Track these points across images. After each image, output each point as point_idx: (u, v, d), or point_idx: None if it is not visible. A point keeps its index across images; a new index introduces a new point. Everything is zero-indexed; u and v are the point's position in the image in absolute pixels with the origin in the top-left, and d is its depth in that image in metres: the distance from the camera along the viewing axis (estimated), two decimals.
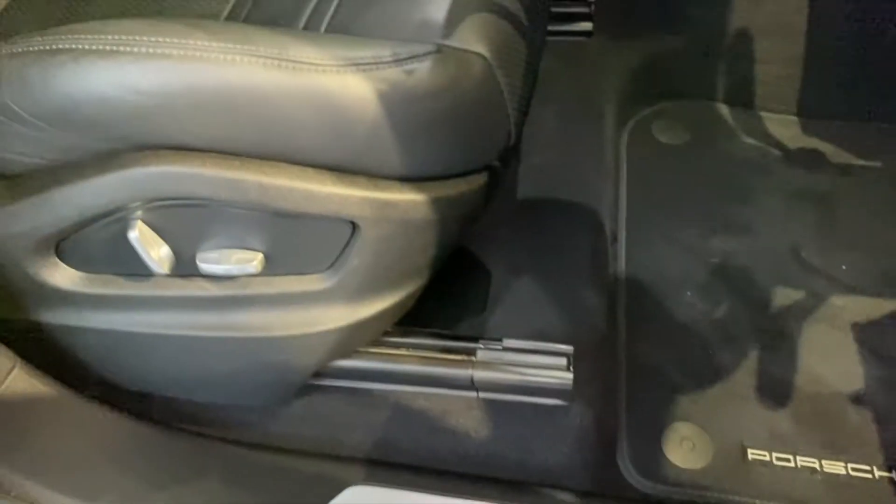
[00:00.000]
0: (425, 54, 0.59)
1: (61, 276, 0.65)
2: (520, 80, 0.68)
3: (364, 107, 0.57)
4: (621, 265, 0.88)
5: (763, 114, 1.07)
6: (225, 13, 0.70)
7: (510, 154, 0.71)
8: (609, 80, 1.09)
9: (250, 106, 0.56)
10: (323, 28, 0.65)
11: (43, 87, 0.56)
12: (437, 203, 0.63)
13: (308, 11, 0.67)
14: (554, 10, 1.12)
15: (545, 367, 0.72)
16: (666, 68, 1.10)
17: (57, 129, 0.58)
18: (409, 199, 0.62)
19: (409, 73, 0.58)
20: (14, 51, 0.57)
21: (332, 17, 0.66)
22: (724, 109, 1.07)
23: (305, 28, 0.66)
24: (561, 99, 1.05)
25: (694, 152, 1.02)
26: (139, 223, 0.61)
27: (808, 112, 1.06)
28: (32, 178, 0.61)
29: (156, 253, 0.63)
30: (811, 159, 1.00)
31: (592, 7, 1.12)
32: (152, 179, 0.59)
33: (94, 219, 0.61)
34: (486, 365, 0.74)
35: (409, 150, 0.60)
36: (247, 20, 0.68)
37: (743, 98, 1.07)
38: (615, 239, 0.91)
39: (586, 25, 1.11)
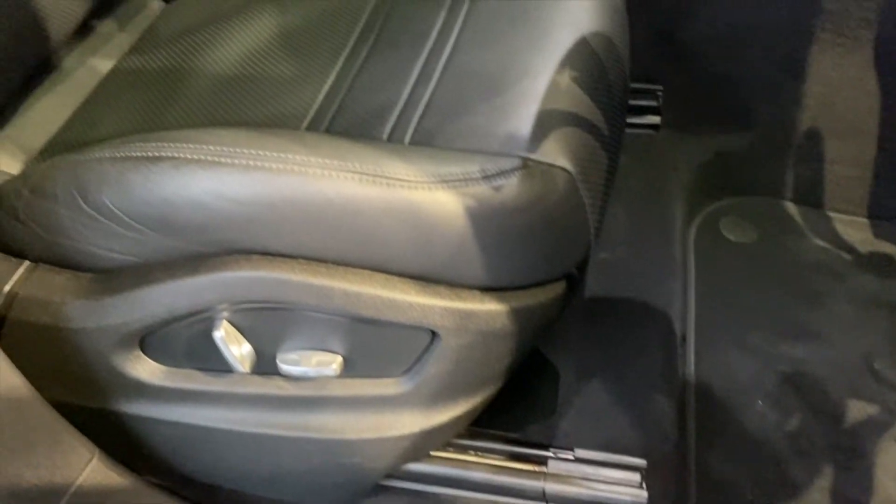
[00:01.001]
0: (512, 170, 0.60)
1: (143, 369, 0.66)
2: (600, 190, 0.68)
3: (452, 222, 0.58)
4: (691, 368, 0.87)
5: (833, 214, 1.06)
6: (307, 120, 0.72)
7: (587, 261, 0.72)
8: (676, 174, 1.09)
9: (343, 218, 0.58)
10: (408, 138, 0.67)
11: (143, 191, 0.58)
12: (516, 313, 0.63)
13: (392, 120, 0.69)
14: None
15: (618, 483, 0.71)
16: (733, 164, 1.10)
17: (153, 231, 0.60)
18: (490, 309, 0.62)
19: (497, 189, 0.59)
20: (116, 155, 0.59)
21: (417, 126, 0.68)
22: (792, 208, 1.07)
23: (390, 137, 0.67)
24: (628, 192, 1.05)
25: (762, 252, 1.01)
26: (224, 323, 0.62)
27: (880, 214, 1.04)
28: (124, 275, 0.63)
29: (238, 352, 0.64)
30: (884, 264, 0.99)
31: (660, 100, 1.13)
32: (242, 283, 0.60)
33: (182, 317, 0.63)
34: (558, 477, 0.73)
35: (491, 262, 0.61)
36: (331, 127, 0.70)
37: (812, 197, 1.07)
38: (684, 340, 0.90)
39: (654, 119, 1.12)
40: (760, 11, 1.06)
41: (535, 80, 0.68)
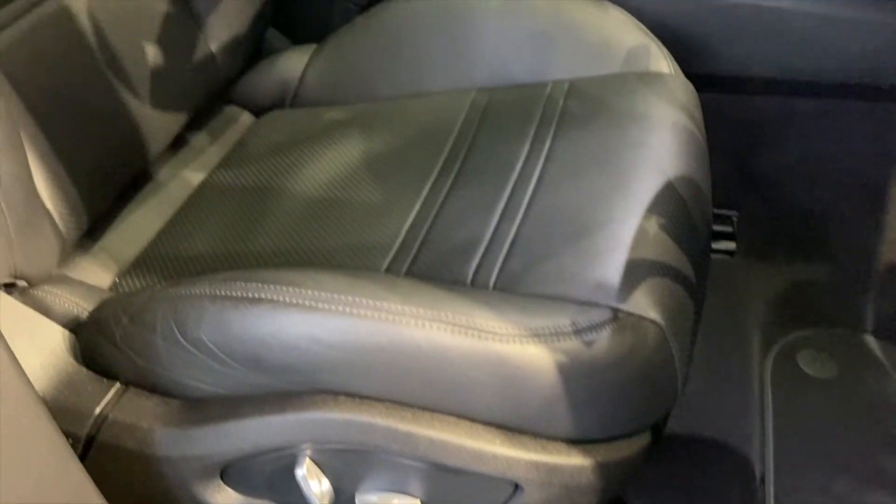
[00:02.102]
0: (603, 323, 0.60)
1: (223, 498, 0.66)
2: (688, 340, 0.67)
3: (543, 376, 0.58)
4: None
5: None
6: (392, 252, 0.73)
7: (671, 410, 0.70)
8: (752, 302, 1.07)
9: (432, 366, 0.58)
10: (493, 279, 0.67)
11: (240, 331, 0.60)
12: (602, 467, 0.62)
13: (477, 258, 0.70)
14: None
15: None
16: (811, 294, 1.09)
17: (245, 368, 0.61)
18: (575, 463, 0.61)
19: (588, 344, 0.59)
20: (217, 293, 0.61)
21: (502, 266, 0.68)
22: (873, 342, 1.04)
23: (475, 277, 0.68)
24: (704, 320, 1.04)
25: (842, 388, 0.98)
26: (307, 461, 0.62)
27: None
28: (212, 406, 0.64)
29: (318, 489, 0.64)
30: None
31: (736, 226, 1.12)
32: (329, 425, 0.60)
33: (266, 452, 0.63)
34: None
35: (579, 415, 0.60)
36: (416, 261, 0.72)
37: (894, 332, 1.04)
38: (763, 482, 0.87)
39: (729, 245, 1.11)
40: (838, 141, 1.06)
41: (622, 225, 0.69)
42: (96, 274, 0.82)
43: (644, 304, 0.63)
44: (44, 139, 0.76)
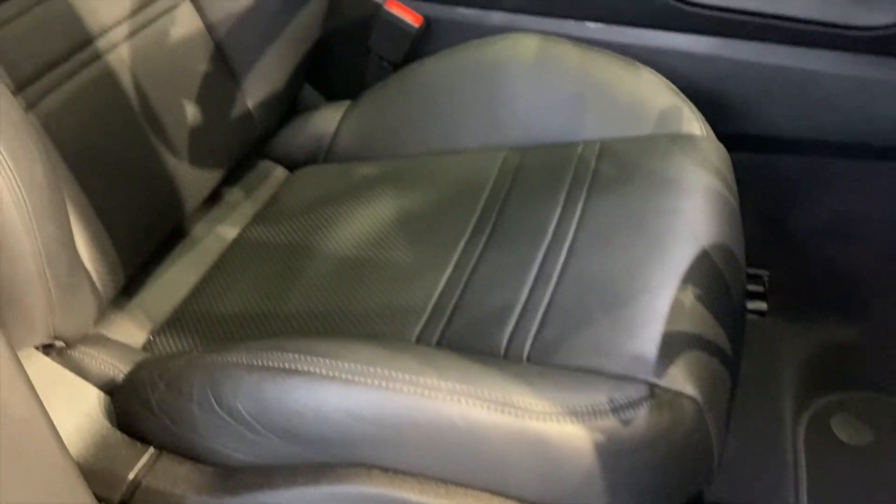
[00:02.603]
0: (640, 400, 0.59)
1: None
2: (724, 414, 0.67)
3: (578, 455, 0.57)
4: None
5: None
6: (425, 315, 0.74)
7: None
8: (784, 364, 1.06)
9: (467, 442, 0.58)
10: (527, 348, 0.67)
11: (276, 402, 0.60)
12: None
13: (511, 326, 0.70)
14: None
15: None
16: (844, 356, 1.07)
17: (279, 438, 0.61)
18: None
19: (625, 423, 0.58)
20: (254, 363, 0.61)
21: (536, 335, 0.68)
22: None
23: (509, 345, 0.68)
24: None
25: (879, 456, 0.96)
26: None
27: None
28: (245, 475, 0.64)
29: None
30: None
31: (766, 286, 1.11)
32: (362, 499, 0.60)
33: None
34: None
35: (613, 494, 0.59)
36: (449, 326, 0.72)
37: None
38: None
39: (760, 305, 1.10)
40: (871, 201, 1.05)
41: (658, 296, 0.69)
42: (131, 332, 0.83)
43: (681, 378, 0.62)
44: (85, 199, 0.77)
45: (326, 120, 1.07)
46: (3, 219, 0.58)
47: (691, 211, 0.78)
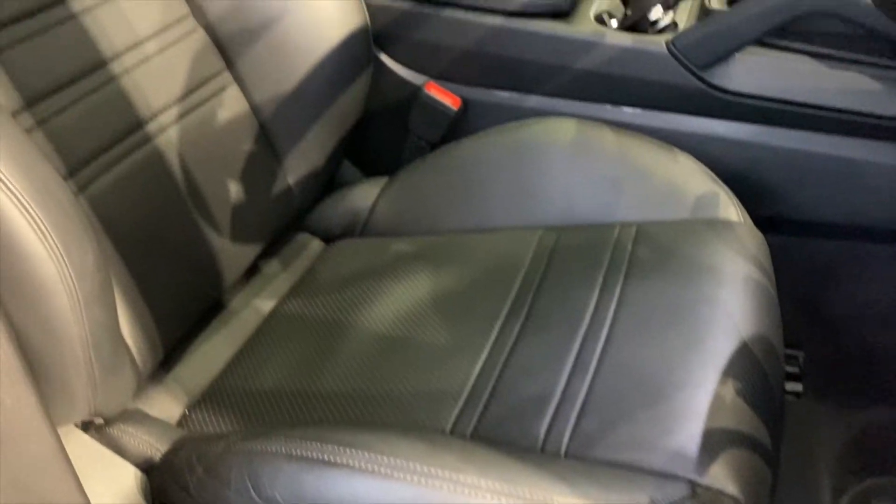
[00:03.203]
0: (682, 500, 0.59)
1: None
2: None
3: None
4: None
5: None
6: (461, 401, 0.74)
7: None
8: (821, 447, 1.04)
9: None
10: (564, 446, 0.66)
11: (314, 493, 0.60)
12: None
13: (549, 416, 0.70)
14: None
15: None
16: (882, 439, 1.05)
17: None
18: None
19: None
20: (293, 452, 0.62)
21: (575, 427, 0.68)
22: None
23: (547, 437, 0.67)
24: None
25: None
26: None
27: None
28: None
29: None
30: None
31: (802, 367, 1.09)
32: None
33: None
34: None
35: None
36: (485, 414, 0.71)
37: None
38: None
39: (796, 386, 1.09)
40: None
41: (698, 390, 0.68)
42: (167, 406, 0.84)
43: (722, 476, 0.61)
44: (128, 276, 0.79)
45: (364, 195, 1.08)
46: (54, 306, 0.59)
47: (730, 301, 0.78)
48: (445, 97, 1.07)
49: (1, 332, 0.59)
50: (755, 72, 0.95)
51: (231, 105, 0.95)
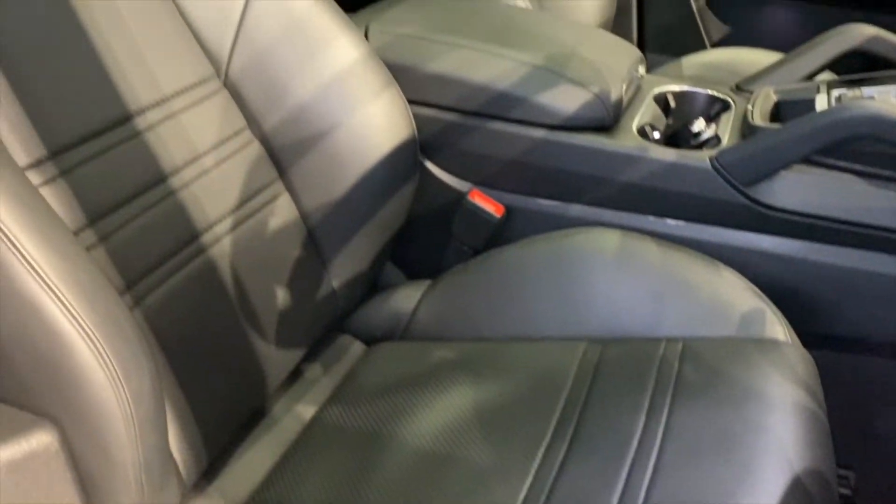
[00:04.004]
0: None
1: None
2: None
3: None
4: None
5: None
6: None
7: None
8: None
9: None
10: None
11: None
12: None
13: None
14: None
15: None
16: None
17: None
18: None
19: None
20: None
21: None
22: None
23: None
24: None
25: None
26: None
27: None
28: None
29: None
30: None
31: (853, 488, 1.06)
32: None
33: None
34: None
35: None
36: None
37: None
38: None
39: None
40: None
41: None
42: None
43: None
44: (177, 389, 0.80)
45: (406, 298, 1.09)
46: (111, 431, 0.60)
47: (779, 428, 0.77)
48: (489, 204, 1.08)
49: (59, 455, 0.60)
50: (801, 189, 0.96)
51: (282, 213, 0.97)
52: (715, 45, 1.93)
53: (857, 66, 1.20)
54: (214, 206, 0.88)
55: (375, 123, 1.02)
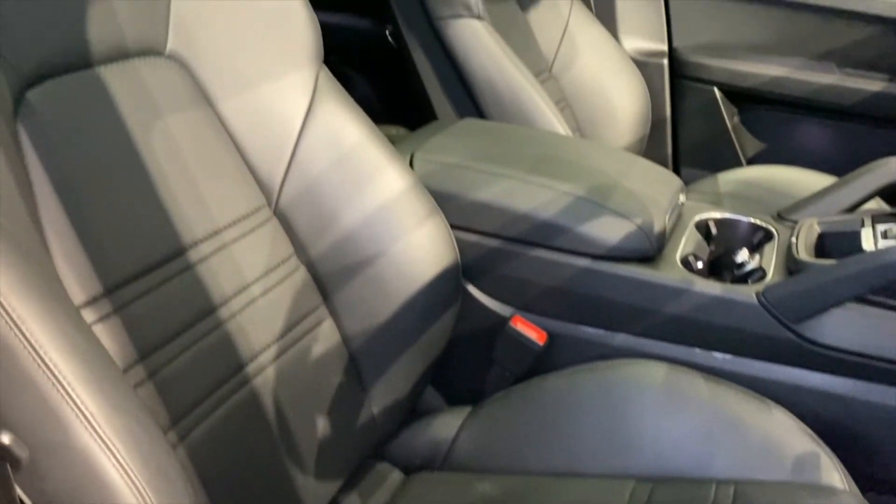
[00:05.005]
0: None
1: None
2: None
3: None
4: None
5: None
6: None
7: None
8: None
9: None
10: None
11: None
12: None
13: None
14: None
15: None
16: None
17: None
18: None
19: None
20: None
21: None
22: None
23: None
24: None
25: None
26: None
27: None
28: None
29: None
30: None
31: None
32: None
33: None
34: None
35: None
36: None
37: None
38: None
39: None
40: None
41: None
42: None
43: None
44: None
45: (446, 425, 1.07)
46: None
47: None
48: (532, 331, 1.08)
49: None
50: (852, 326, 0.94)
51: (325, 339, 0.97)
52: (750, 161, 1.95)
53: None
54: (260, 336, 0.88)
55: (420, 250, 1.02)
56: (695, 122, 1.94)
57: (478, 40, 1.41)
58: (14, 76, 0.72)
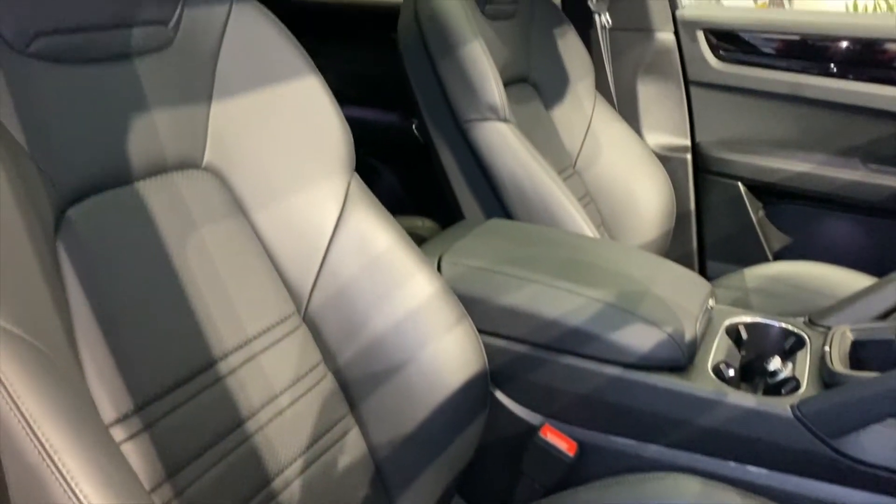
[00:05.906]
0: None
1: None
2: None
3: None
4: None
5: None
6: None
7: None
8: None
9: None
10: None
11: None
12: None
13: None
14: None
15: None
16: None
17: None
18: None
19: None
20: None
21: None
22: None
23: None
24: None
25: None
26: None
27: None
28: None
29: None
30: None
31: None
32: None
33: None
34: None
35: None
36: None
37: None
38: None
39: None
40: None
41: None
42: None
43: None
44: None
45: None
46: None
47: None
48: (562, 441, 1.05)
49: None
50: (893, 444, 0.91)
51: (351, 450, 0.96)
52: (776, 255, 1.94)
53: None
54: (287, 449, 0.87)
55: (448, 356, 1.01)
56: (720, 216, 1.94)
57: (504, 142, 1.44)
58: (56, 194, 0.74)
